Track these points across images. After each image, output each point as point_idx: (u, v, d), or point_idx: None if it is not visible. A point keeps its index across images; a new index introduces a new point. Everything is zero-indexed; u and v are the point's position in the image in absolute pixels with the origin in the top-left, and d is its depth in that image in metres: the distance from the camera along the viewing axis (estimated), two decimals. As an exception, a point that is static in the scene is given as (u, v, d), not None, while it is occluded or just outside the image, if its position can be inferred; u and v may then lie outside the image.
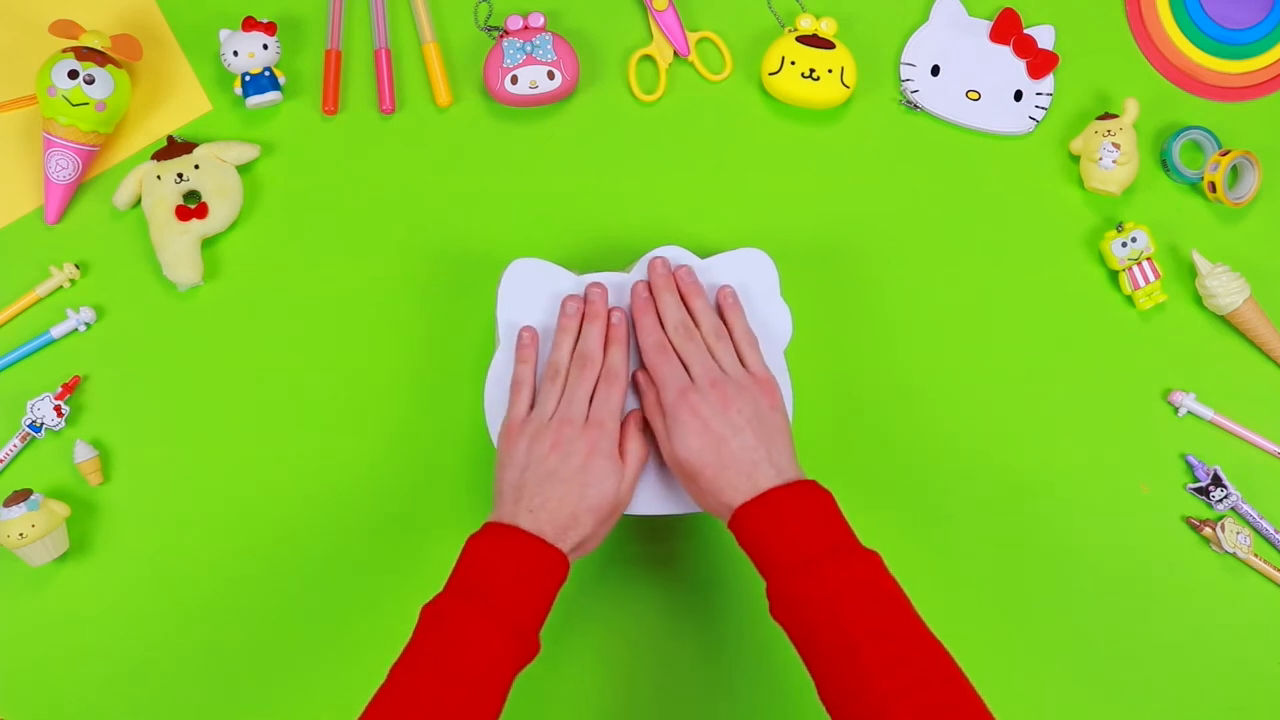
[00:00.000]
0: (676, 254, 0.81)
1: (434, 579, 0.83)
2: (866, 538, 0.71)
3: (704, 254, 0.81)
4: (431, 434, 0.87)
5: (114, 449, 0.86)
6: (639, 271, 0.81)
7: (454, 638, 0.67)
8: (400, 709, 0.65)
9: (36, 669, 0.84)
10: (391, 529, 0.86)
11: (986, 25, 0.94)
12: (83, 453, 0.85)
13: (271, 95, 0.89)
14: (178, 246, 0.86)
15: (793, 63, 0.90)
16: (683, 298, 0.79)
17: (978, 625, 0.85)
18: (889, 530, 0.79)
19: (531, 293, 0.80)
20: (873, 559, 0.70)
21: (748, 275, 0.81)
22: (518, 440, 0.75)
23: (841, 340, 0.90)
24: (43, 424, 0.85)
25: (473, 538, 0.71)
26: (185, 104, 0.91)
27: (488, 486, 0.78)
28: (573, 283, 0.80)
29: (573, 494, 0.72)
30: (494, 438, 0.78)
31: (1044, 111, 0.94)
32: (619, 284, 0.81)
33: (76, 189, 0.88)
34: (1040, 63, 0.93)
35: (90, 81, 0.84)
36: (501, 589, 0.68)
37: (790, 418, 0.78)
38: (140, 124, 0.90)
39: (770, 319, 0.81)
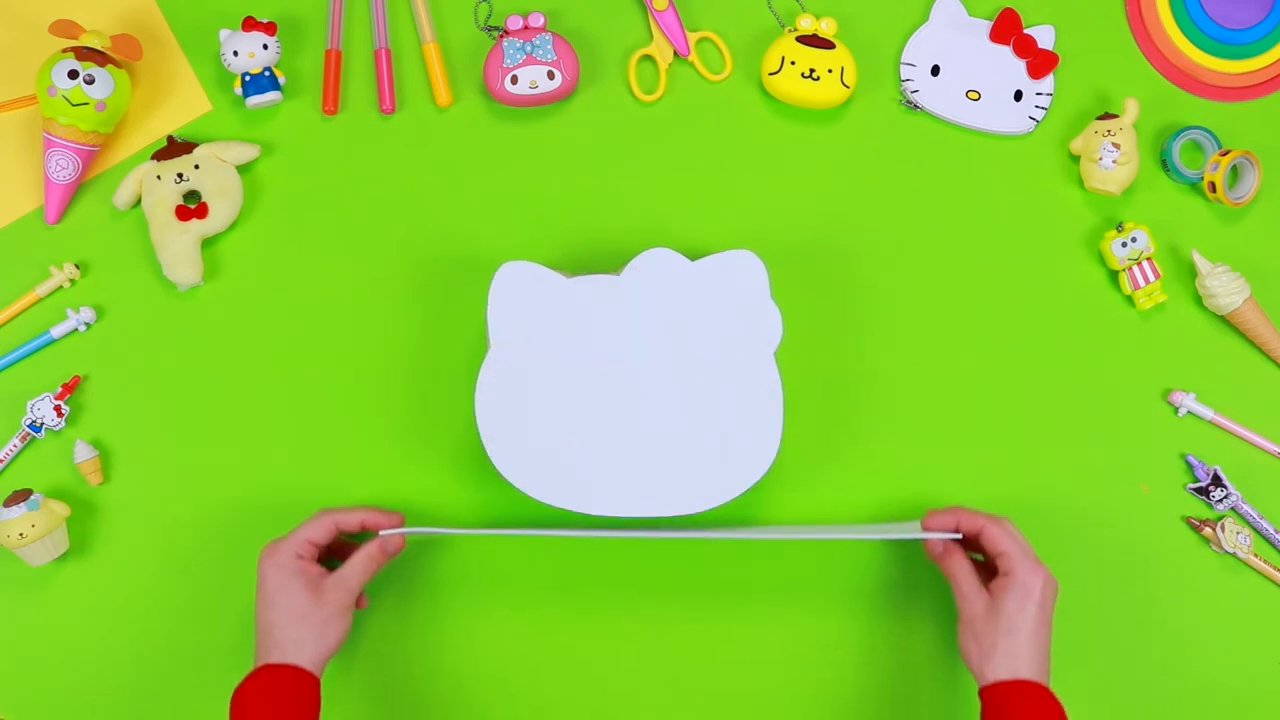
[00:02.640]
0: (667, 256, 0.81)
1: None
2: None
3: (699, 255, 0.81)
4: (428, 433, 0.87)
5: (114, 449, 0.86)
6: (630, 274, 0.81)
7: None
8: None
9: (36, 669, 0.84)
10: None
11: (986, 25, 0.94)
12: (83, 453, 0.85)
13: (271, 95, 0.89)
14: (178, 246, 0.86)
15: (793, 63, 0.90)
16: None
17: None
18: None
19: (522, 296, 0.80)
20: None
21: (737, 277, 0.81)
22: None
23: (841, 340, 0.90)
24: (43, 424, 0.85)
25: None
26: (185, 104, 0.91)
27: (478, 480, 0.81)
28: (563, 285, 0.80)
29: (265, 607, 0.76)
30: (485, 437, 0.79)
31: (1044, 111, 0.94)
32: (610, 286, 0.81)
33: (76, 189, 0.88)
34: (1040, 63, 0.93)
35: (90, 81, 0.84)
36: None
37: (781, 422, 0.79)
38: (140, 124, 0.90)
39: (759, 321, 0.81)
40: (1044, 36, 0.94)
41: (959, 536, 0.80)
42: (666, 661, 0.85)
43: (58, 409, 0.85)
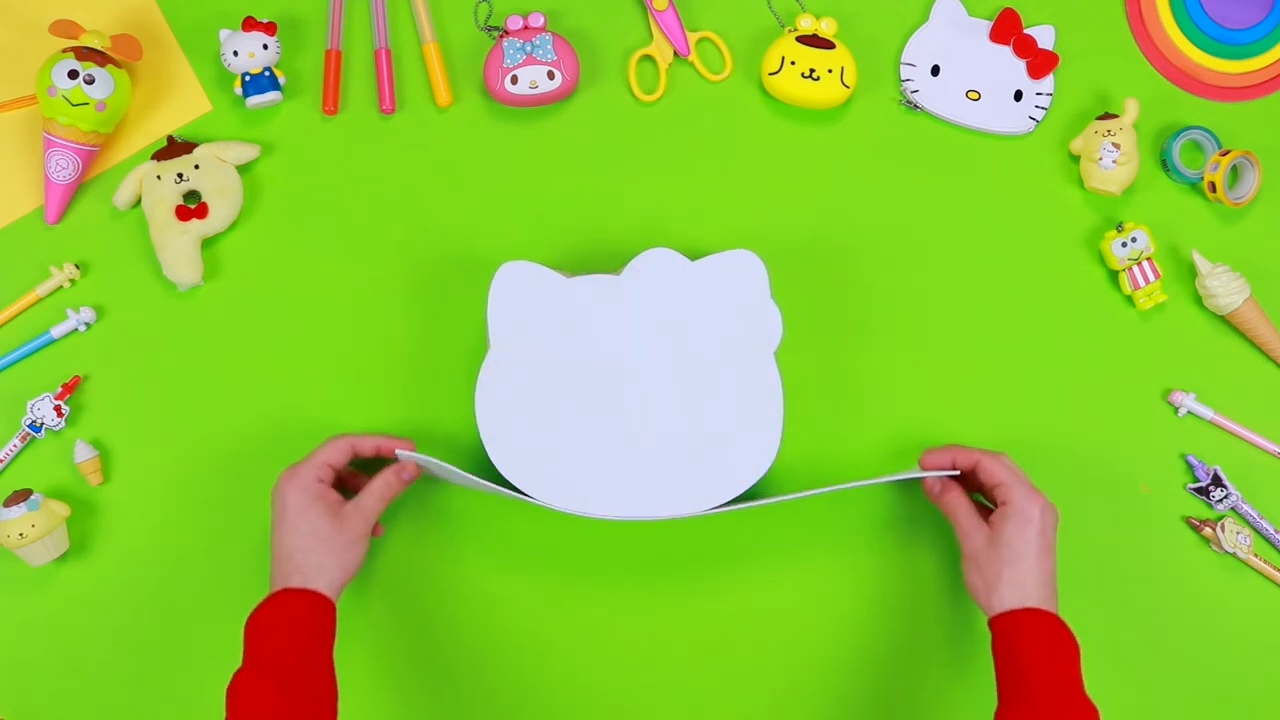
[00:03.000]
0: (667, 256, 0.81)
1: (426, 575, 0.84)
2: (863, 538, 0.71)
3: (699, 255, 0.81)
4: (428, 433, 0.87)
5: (114, 449, 0.86)
6: (629, 275, 0.81)
7: (249, 713, 0.72)
8: None
9: (36, 669, 0.84)
10: (390, 521, 0.86)
11: (986, 25, 0.94)
12: (83, 453, 0.85)
13: (271, 95, 0.89)
14: (178, 246, 0.86)
15: (793, 63, 0.90)
16: None
17: (977, 624, 0.85)
18: (887, 536, 0.79)
19: (522, 295, 0.80)
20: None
21: (737, 277, 0.81)
22: None
23: (841, 340, 0.90)
24: (43, 424, 0.85)
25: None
26: (185, 104, 0.91)
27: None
28: (563, 285, 0.80)
29: (286, 531, 0.77)
30: (485, 437, 0.79)
31: (1044, 111, 0.94)
32: (610, 286, 0.81)
33: (76, 189, 0.88)
34: (1040, 63, 0.93)
35: (90, 81, 0.84)
36: (270, 651, 0.73)
37: (781, 422, 0.79)
38: (140, 124, 0.90)
39: (759, 321, 0.81)
40: (1044, 36, 0.94)
41: (956, 473, 0.81)
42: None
43: (58, 409, 0.85)
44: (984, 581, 0.77)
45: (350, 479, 0.83)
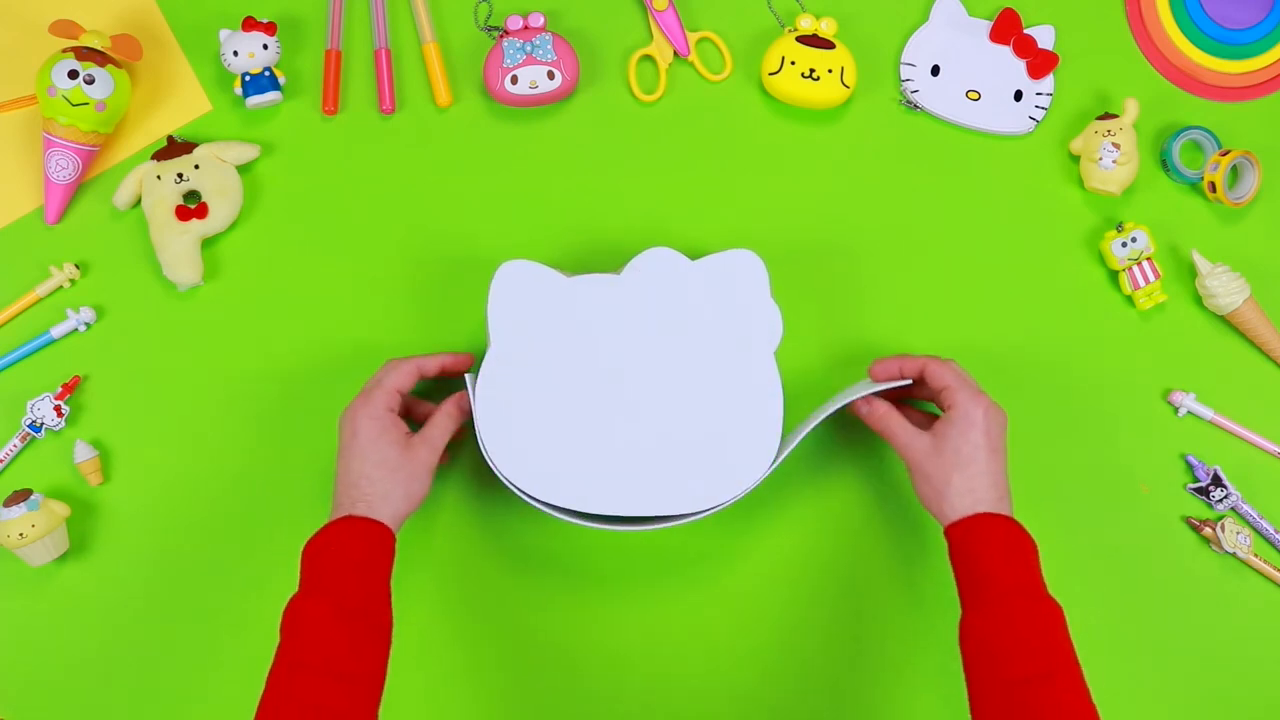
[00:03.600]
0: (667, 256, 0.81)
1: (432, 571, 0.84)
2: (863, 538, 0.71)
3: (699, 254, 0.81)
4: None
5: (114, 449, 0.86)
6: (630, 272, 0.81)
7: (307, 637, 0.71)
8: (283, 713, 0.69)
9: (36, 669, 0.84)
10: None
11: (986, 25, 0.94)
12: (83, 453, 0.85)
13: (271, 95, 0.89)
14: (178, 246, 0.86)
15: (793, 63, 0.90)
16: None
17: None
18: (886, 532, 0.79)
19: (522, 294, 0.80)
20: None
21: (737, 276, 0.81)
22: None
23: (841, 340, 0.90)
24: (43, 424, 0.85)
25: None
26: (185, 104, 0.91)
27: (477, 478, 0.82)
28: (563, 284, 0.80)
29: (355, 458, 0.76)
30: (484, 435, 0.79)
31: (1044, 111, 0.94)
32: (610, 285, 0.81)
33: (76, 189, 0.88)
34: (1040, 63, 0.93)
35: (90, 81, 0.84)
36: (330, 576, 0.72)
37: (781, 422, 0.79)
38: (140, 124, 0.90)
39: (760, 320, 0.81)
40: (1044, 36, 0.94)
41: (908, 383, 0.80)
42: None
43: (58, 409, 0.85)
44: (933, 489, 0.76)
45: (414, 406, 0.83)
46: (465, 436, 0.84)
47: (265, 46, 0.88)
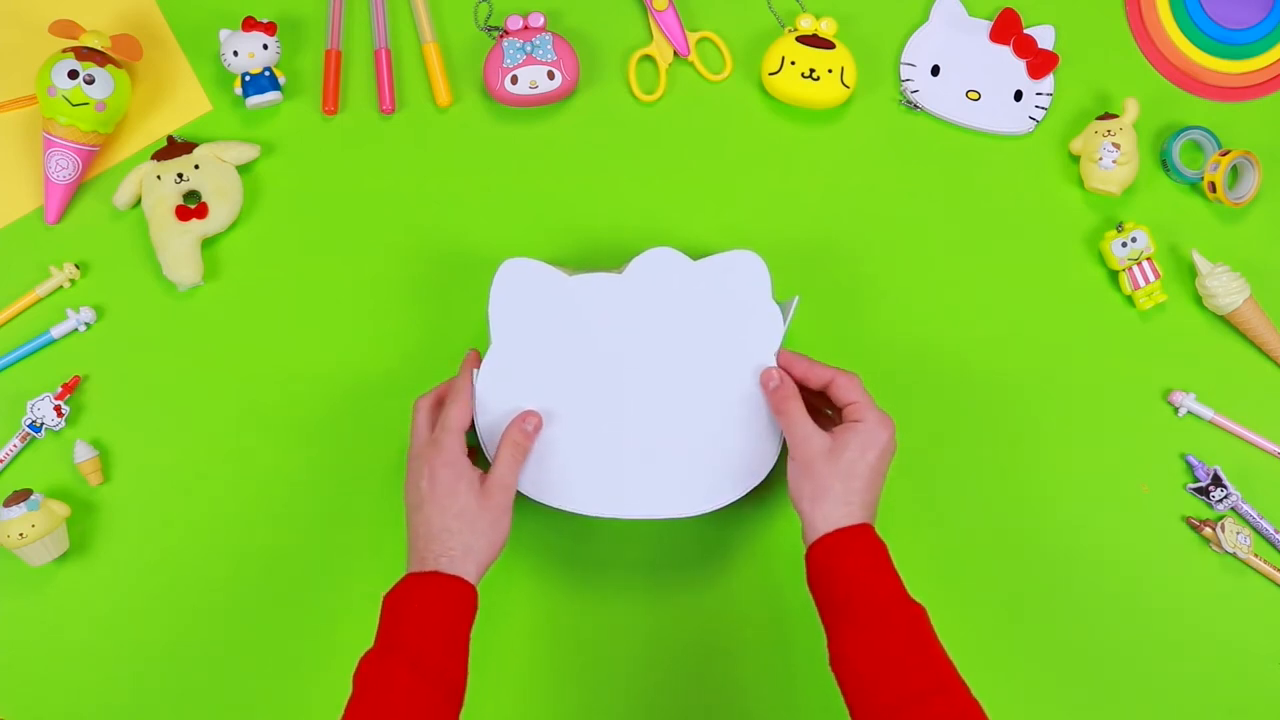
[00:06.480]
0: (668, 256, 0.81)
1: None
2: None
3: (700, 255, 0.81)
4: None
5: (114, 449, 0.86)
6: (631, 272, 0.81)
7: (381, 697, 0.69)
8: None
9: (36, 669, 0.84)
10: (389, 526, 0.85)
11: (986, 25, 0.94)
12: (83, 453, 0.85)
13: (271, 95, 0.89)
14: (178, 246, 0.86)
15: (793, 63, 0.91)
16: None
17: (977, 624, 0.85)
18: (887, 531, 0.79)
19: (524, 293, 0.80)
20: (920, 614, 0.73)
21: (739, 277, 0.81)
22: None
23: (841, 340, 0.90)
24: (43, 424, 0.85)
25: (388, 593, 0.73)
26: (185, 104, 0.91)
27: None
28: (565, 283, 0.80)
29: (435, 511, 0.74)
30: (484, 434, 0.79)
31: (1044, 111, 0.94)
32: (611, 284, 0.81)
33: (76, 189, 0.88)
34: (1040, 63, 0.93)
35: (90, 81, 0.84)
36: (411, 635, 0.70)
37: None
38: (140, 124, 0.90)
39: (761, 321, 0.81)
40: (1044, 36, 0.94)
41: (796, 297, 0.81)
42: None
43: (58, 409, 0.85)
44: (812, 489, 0.74)
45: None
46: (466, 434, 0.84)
47: (265, 46, 0.88)
